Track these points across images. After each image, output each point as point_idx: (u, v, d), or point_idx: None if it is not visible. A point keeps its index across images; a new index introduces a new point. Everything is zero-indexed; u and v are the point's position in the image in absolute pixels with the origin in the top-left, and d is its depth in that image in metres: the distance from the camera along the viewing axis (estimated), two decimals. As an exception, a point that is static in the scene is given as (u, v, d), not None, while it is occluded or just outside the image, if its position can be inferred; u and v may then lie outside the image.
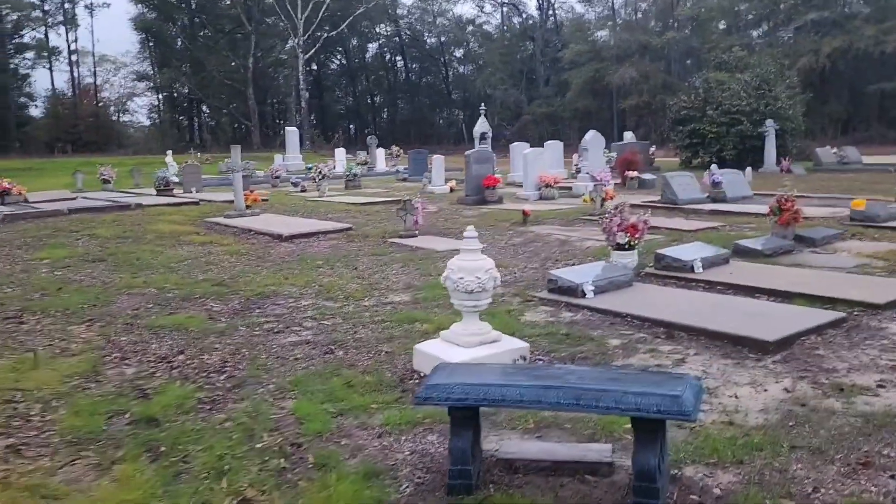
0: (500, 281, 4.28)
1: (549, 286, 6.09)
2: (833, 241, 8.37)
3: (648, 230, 9.53)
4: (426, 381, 2.96)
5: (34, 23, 59.39)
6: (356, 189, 18.38)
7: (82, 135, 56.19)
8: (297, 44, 52.01)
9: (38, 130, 58.42)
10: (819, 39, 38.47)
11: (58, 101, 59.95)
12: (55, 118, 57.79)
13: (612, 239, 6.67)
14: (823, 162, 21.35)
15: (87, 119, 59.35)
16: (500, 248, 8.38)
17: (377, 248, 8.46)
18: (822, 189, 14.86)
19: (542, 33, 61.34)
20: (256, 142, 56.93)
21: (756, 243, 7.75)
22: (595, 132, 15.91)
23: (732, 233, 9.22)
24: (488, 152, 14.22)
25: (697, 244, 7.35)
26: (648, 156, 22.92)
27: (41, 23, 59.39)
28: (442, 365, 3.22)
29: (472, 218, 11.31)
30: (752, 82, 21.65)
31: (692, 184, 12.44)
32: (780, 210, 8.16)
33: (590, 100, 53.08)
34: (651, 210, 11.63)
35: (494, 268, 4.22)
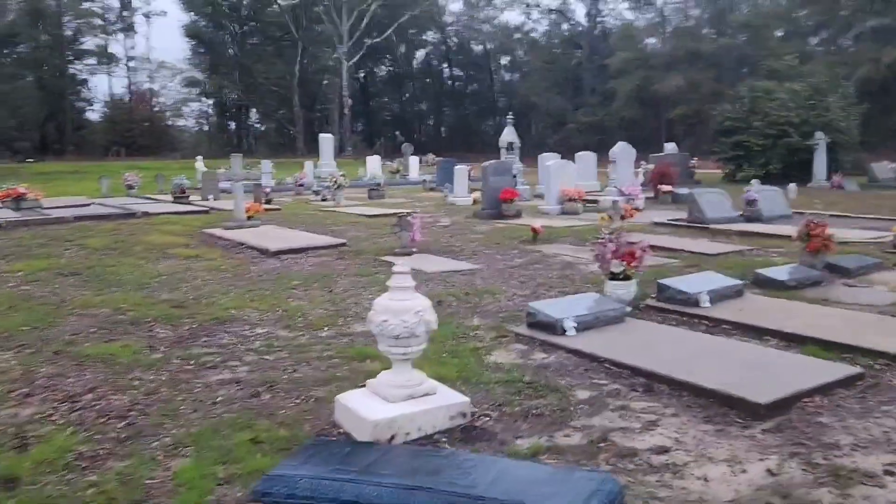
0: (436, 324, 3.66)
1: (528, 320, 5.45)
2: (870, 271, 7.47)
3: (666, 253, 8.81)
4: (275, 468, 2.39)
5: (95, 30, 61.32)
6: (379, 199, 17.96)
7: (137, 139, 57.69)
8: (342, 51, 52.22)
9: (95, 134, 60.17)
10: (880, 48, 36.49)
11: (115, 106, 61.74)
12: (112, 122, 59.54)
13: (606, 267, 5.98)
14: (879, 177, 20.00)
15: (142, 124, 60.93)
16: (495, 271, 7.75)
17: (365, 267, 7.93)
18: (870, 209, 13.76)
19: (589, 41, 60.24)
20: (301, 147, 57.43)
21: (779, 273, 6.93)
22: (624, 143, 15.11)
23: (758, 258, 8.38)
24: (507, 163, 13.59)
25: (708, 274, 6.59)
26: (688, 168, 21.90)
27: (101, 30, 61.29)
28: (311, 443, 2.64)
29: (480, 234, 10.72)
30: (802, 92, 20.43)
31: (723, 201, 11.56)
32: (809, 235, 7.32)
33: (636, 109, 51.76)
34: (675, 230, 10.90)
35: (428, 309, 3.61)
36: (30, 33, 54.06)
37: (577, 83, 60.92)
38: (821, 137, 18.81)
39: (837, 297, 6.43)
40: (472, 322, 5.69)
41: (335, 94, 56.93)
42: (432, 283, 7.06)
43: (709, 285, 6.14)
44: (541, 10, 65.53)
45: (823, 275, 7.18)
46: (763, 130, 20.01)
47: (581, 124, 55.61)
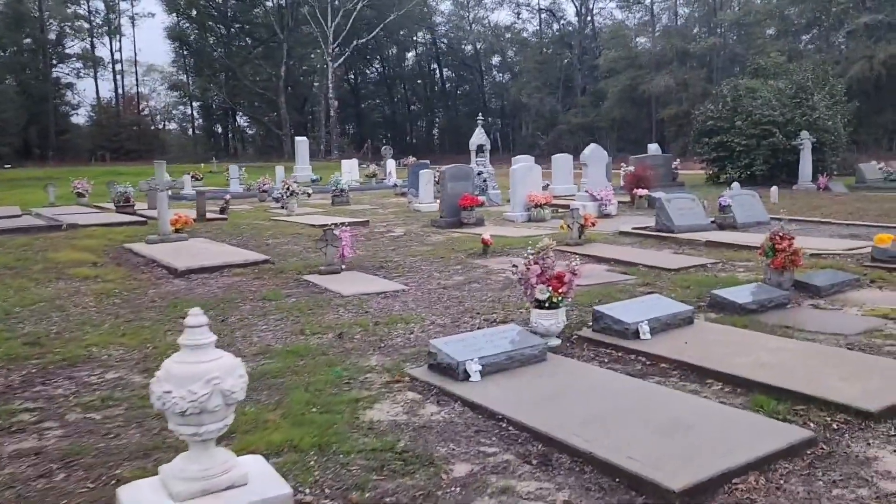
0: (243, 393, 2.77)
1: (428, 361, 4.59)
2: (844, 289, 6.62)
3: (623, 267, 7.96)
4: None
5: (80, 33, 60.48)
6: (343, 205, 17.11)
7: (124, 143, 56.90)
8: (327, 52, 51.36)
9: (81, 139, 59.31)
10: (873, 45, 35.71)
11: (101, 110, 60.91)
12: (98, 126, 58.79)
13: (530, 294, 5.12)
14: (867, 179, 19.15)
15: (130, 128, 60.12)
16: (424, 292, 6.88)
17: (278, 289, 7.06)
18: (854, 213, 12.91)
19: (579, 40, 59.46)
20: (288, 151, 56.49)
21: (738, 294, 6.07)
22: (596, 146, 14.26)
23: (722, 274, 7.53)
24: (466, 168, 12.73)
25: (654, 298, 5.72)
26: (671, 170, 21.05)
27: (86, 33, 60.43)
28: None
29: (429, 246, 9.87)
30: (787, 90, 19.58)
31: (694, 208, 10.71)
32: (774, 250, 6.47)
33: (627, 109, 50.95)
34: (640, 240, 10.04)
35: (229, 373, 2.73)
36: (12, 37, 53.14)
37: (569, 83, 60.11)
38: (806, 137, 17.96)
39: (802, 322, 5.57)
40: (368, 362, 4.83)
41: (323, 96, 56.05)
42: (344, 309, 6.20)
43: (652, 312, 5.28)
44: (530, 10, 64.87)
45: (790, 295, 6.33)
46: (746, 130, 19.14)
47: (572, 125, 54.80)
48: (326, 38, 50.89)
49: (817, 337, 5.17)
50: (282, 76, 57.15)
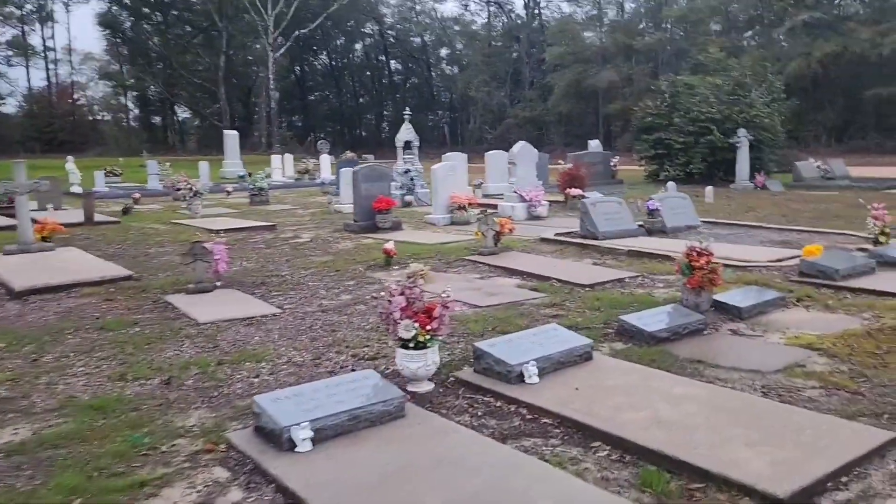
0: None
1: (254, 422, 3.68)
2: (768, 310, 5.94)
3: (535, 282, 7.17)
4: None
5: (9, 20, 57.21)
6: (261, 205, 16.02)
7: (58, 134, 54.15)
8: (268, 42, 49.66)
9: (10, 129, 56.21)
10: (811, 42, 36.02)
11: (33, 100, 57.88)
12: (30, 117, 55.80)
13: (394, 330, 4.25)
14: (804, 177, 18.94)
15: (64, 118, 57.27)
16: (300, 316, 5.96)
17: (129, 313, 6.06)
18: (789, 215, 12.46)
19: (527, 34, 58.94)
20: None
21: (648, 321, 5.32)
22: (525, 143, 13.50)
23: (640, 290, 6.80)
24: (381, 169, 11.81)
25: (549, 329, 4.91)
26: (610, 168, 20.50)
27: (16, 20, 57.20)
28: None
29: (329, 256, 8.93)
30: (724, 87, 19.20)
31: (620, 212, 10.01)
32: (690, 268, 5.74)
33: (573, 104, 50.65)
34: (561, 248, 9.30)
35: None
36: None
37: (516, 77, 59.62)
38: (743, 135, 17.58)
39: (717, 354, 4.85)
40: (186, 420, 3.89)
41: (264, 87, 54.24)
42: (191, 341, 5.24)
43: (543, 349, 4.47)
44: (479, 2, 64.10)
45: (707, 319, 5.62)
46: (684, 128, 18.71)
47: (520, 119, 54.31)
48: (267, 27, 49.17)
49: (731, 376, 4.44)
50: (221, 66, 55.13)
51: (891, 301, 5.97)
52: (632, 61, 47.97)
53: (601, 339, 5.26)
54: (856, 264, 6.71)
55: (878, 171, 25.37)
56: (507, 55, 60.93)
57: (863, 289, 6.26)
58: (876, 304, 5.94)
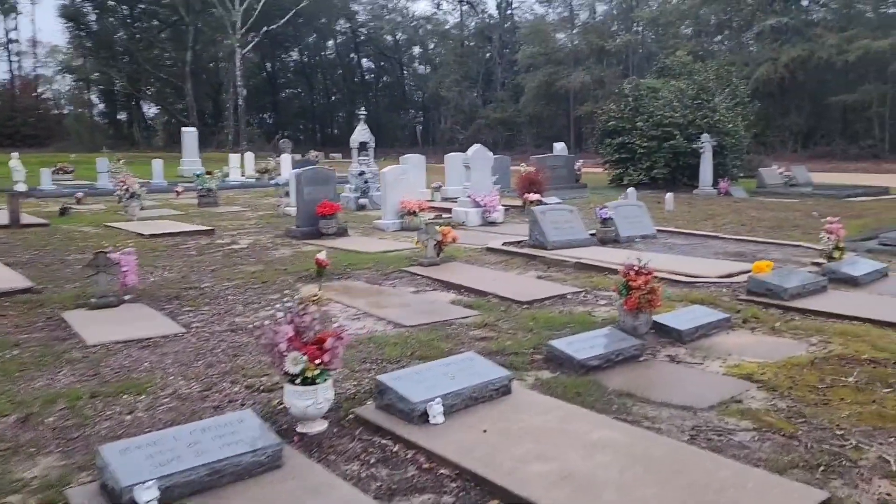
0: None
1: (98, 479, 3.17)
2: (711, 332, 5.55)
3: (472, 297, 6.72)
4: None
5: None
6: (210, 206, 15.39)
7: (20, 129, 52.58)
8: (235, 37, 48.67)
9: (-34, 125, 54.51)
10: (779, 47, 36.17)
11: (-8, 94, 56.28)
12: (-9, 111, 54.18)
13: (280, 364, 3.75)
14: (767, 183, 18.78)
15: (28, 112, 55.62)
16: (206, 336, 5.44)
17: (14, 333, 5.49)
18: (748, 223, 12.18)
19: (500, 34, 58.62)
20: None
21: (579, 346, 4.89)
22: (480, 146, 13.07)
23: (580, 308, 6.38)
24: (326, 172, 11.28)
25: (465, 358, 4.45)
26: (573, 171, 20.19)
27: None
28: None
29: (262, 266, 8.40)
30: (688, 91, 18.96)
31: (571, 221, 9.61)
32: (627, 288, 5.33)
33: (544, 105, 50.44)
34: (508, 258, 8.87)
35: None
36: None
37: (488, 77, 59.30)
38: (706, 140, 17.34)
39: (648, 386, 4.43)
40: (28, 470, 3.36)
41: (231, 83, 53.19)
42: (71, 367, 4.70)
43: (454, 382, 4.02)
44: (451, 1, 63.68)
45: (644, 344, 5.21)
46: (647, 132, 18.43)
47: (491, 119, 54.02)
48: (234, 23, 48.18)
49: (661, 413, 4.02)
50: (188, 61, 53.97)
51: (839, 325, 5.62)
52: (603, 63, 47.90)
53: (528, 366, 4.83)
54: (806, 283, 6.36)
55: (842, 178, 25.45)
56: (479, 55, 60.61)
57: (812, 310, 5.91)
58: (824, 327, 5.58)
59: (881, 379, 4.38)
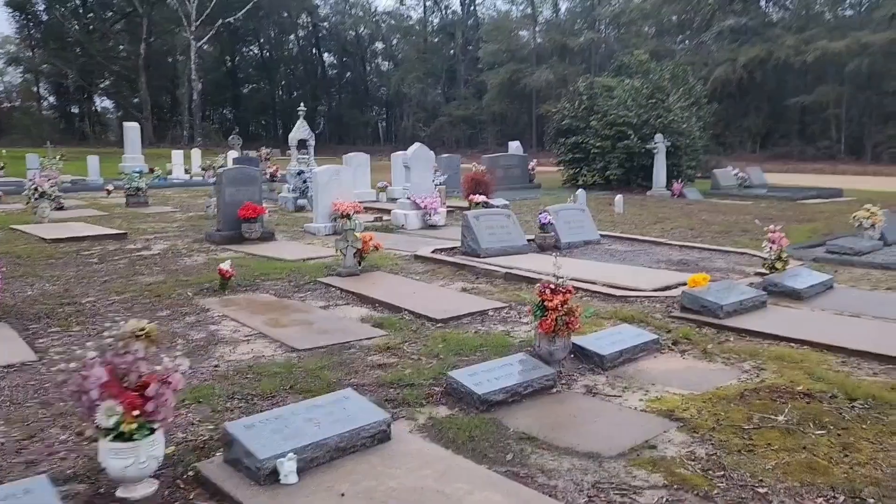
0: None
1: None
2: (637, 356, 5.00)
3: (383, 314, 6.08)
4: None
5: None
6: (139, 206, 14.51)
7: (-38, 122, 50.61)
8: (189, 30, 47.28)
9: None
10: (738, 47, 36.21)
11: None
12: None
13: (90, 416, 3.07)
14: (722, 185, 18.50)
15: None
16: (56, 368, 4.71)
17: None
18: (696, 227, 11.75)
19: (463, 31, 58.05)
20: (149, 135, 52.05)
21: (481, 378, 4.28)
22: (420, 145, 12.43)
23: (500, 328, 5.79)
24: (250, 172, 10.54)
25: (339, 397, 3.80)
26: (527, 171, 19.69)
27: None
28: None
29: (165, 276, 7.64)
30: (643, 90, 18.57)
31: (508, 226, 9.02)
32: (542, 309, 4.74)
33: (507, 103, 50.03)
34: (436, 267, 8.25)
35: None
36: None
37: (452, 74, 58.72)
38: (660, 140, 16.96)
39: (554, 427, 3.85)
40: None
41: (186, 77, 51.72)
42: None
43: (316, 432, 3.37)
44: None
45: (562, 371, 4.64)
46: (601, 131, 17.99)
47: (453, 117, 53.50)
48: (188, 14, 46.79)
49: (561, 464, 3.43)
50: (141, 54, 52.34)
51: (776, 347, 5.11)
52: (566, 61, 47.62)
53: (424, 401, 4.21)
54: (744, 298, 5.85)
55: (798, 179, 25.42)
56: (443, 52, 59.99)
57: (748, 330, 5.39)
58: (760, 350, 5.06)
59: (814, 417, 3.85)
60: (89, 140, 51.23)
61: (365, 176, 16.13)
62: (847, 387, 4.22)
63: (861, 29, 33.67)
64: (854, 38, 32.12)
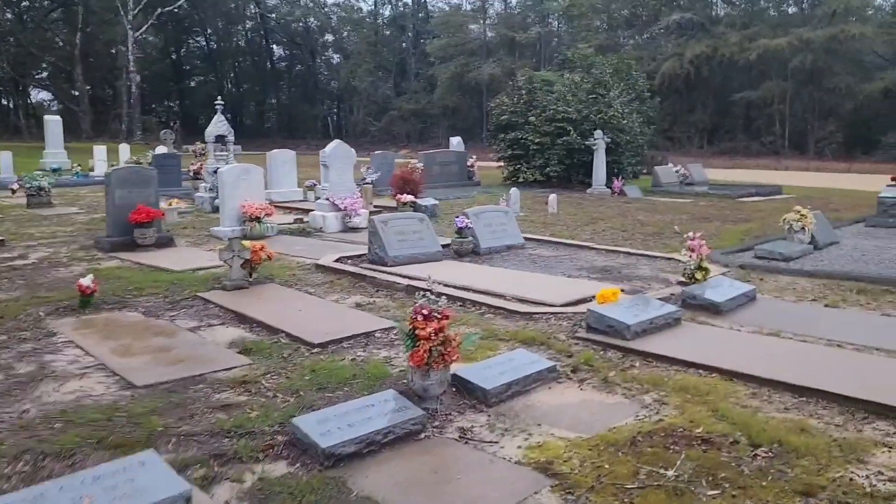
0: None
1: None
2: (530, 388, 4.39)
3: (261, 335, 5.36)
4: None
5: None
6: (41, 207, 13.44)
7: None
8: (127, 19, 45.37)
9: None
10: (684, 43, 36.21)
11: None
12: None
13: None
14: (663, 182, 18.17)
15: None
16: None
17: None
18: (629, 229, 11.28)
19: (413, 23, 57.18)
20: (86, 129, 49.99)
21: (332, 425, 3.60)
22: (339, 142, 11.68)
23: (383, 353, 5.11)
24: (144, 172, 9.65)
25: (132, 464, 3.07)
26: (466, 168, 19.09)
27: None
28: None
29: (23, 291, 6.76)
30: (583, 84, 18.10)
31: (421, 231, 8.36)
32: (413, 338, 4.08)
33: (457, 97, 49.38)
34: (336, 277, 7.54)
35: None
36: None
37: (402, 67, 57.82)
38: (599, 137, 16.51)
39: (407, 490, 3.21)
40: None
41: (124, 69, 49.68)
42: None
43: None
44: (364, -12, 61.72)
45: (437, 409, 4.00)
46: (540, 127, 17.46)
47: (404, 111, 52.62)
48: (126, 3, 44.86)
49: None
50: (78, 44, 50.07)
51: (683, 375, 4.55)
52: (515, 55, 47.18)
53: (260, 455, 3.52)
54: (655, 316, 5.29)
55: (742, 175, 25.39)
56: (394, 45, 59.04)
57: (656, 354, 4.83)
58: (665, 378, 4.50)
59: (709, 472, 3.28)
60: (23, 134, 48.86)
61: (292, 174, 15.30)
62: (752, 428, 3.67)
63: (803, 26, 33.97)
64: (796, 34, 32.34)
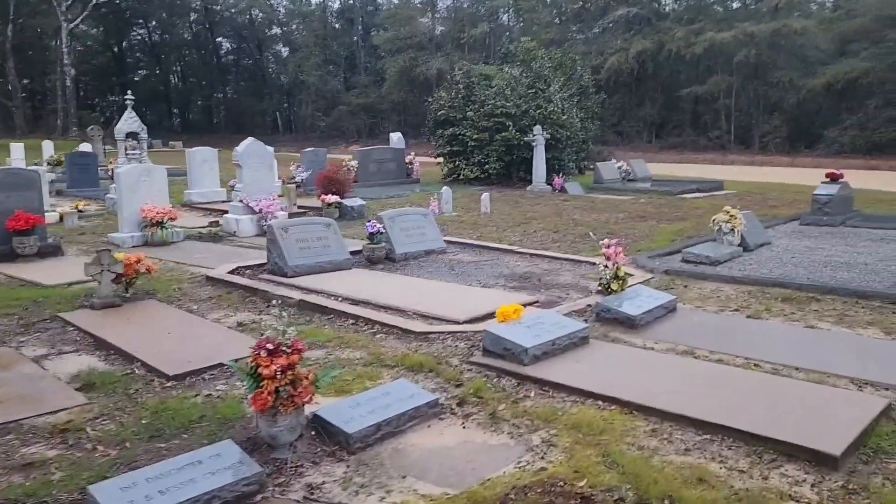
0: None
1: None
2: (404, 427, 3.79)
3: (113, 365, 4.64)
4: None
5: None
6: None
7: None
8: (59, 10, 43.38)
9: None
10: (630, 37, 36.13)
11: None
12: None
13: None
14: (605, 179, 17.79)
15: None
16: None
17: None
18: (562, 229, 10.80)
19: (362, 16, 56.13)
20: (21, 125, 47.83)
21: (139, 494, 2.95)
22: (253, 139, 10.91)
23: (241, 390, 4.45)
24: (25, 174, 8.77)
25: None
26: (404, 165, 18.45)
27: None
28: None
29: None
30: (522, 79, 17.61)
31: (327, 237, 7.70)
32: (257, 378, 3.45)
33: (407, 92, 48.62)
34: (230, 292, 6.83)
35: None
36: None
37: (352, 61, 56.76)
38: (539, 133, 16.03)
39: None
40: None
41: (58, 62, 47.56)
42: None
43: None
44: (311, -21, 60.36)
45: (285, 462, 3.37)
46: (479, 123, 16.92)
47: (353, 106, 51.60)
48: (58, -7, 42.90)
49: None
50: (9, 36, 47.73)
51: (580, 407, 4.01)
52: (464, 50, 46.61)
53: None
54: (558, 336, 4.74)
55: (688, 170, 25.28)
56: (343, 38, 57.94)
57: (553, 382, 4.28)
58: (559, 412, 3.95)
59: (585, 544, 2.73)
60: (-52, 131, 46.37)
61: (213, 172, 14.44)
62: (643, 479, 3.13)
63: (747, 20, 34.18)
64: (741, 28, 32.49)
